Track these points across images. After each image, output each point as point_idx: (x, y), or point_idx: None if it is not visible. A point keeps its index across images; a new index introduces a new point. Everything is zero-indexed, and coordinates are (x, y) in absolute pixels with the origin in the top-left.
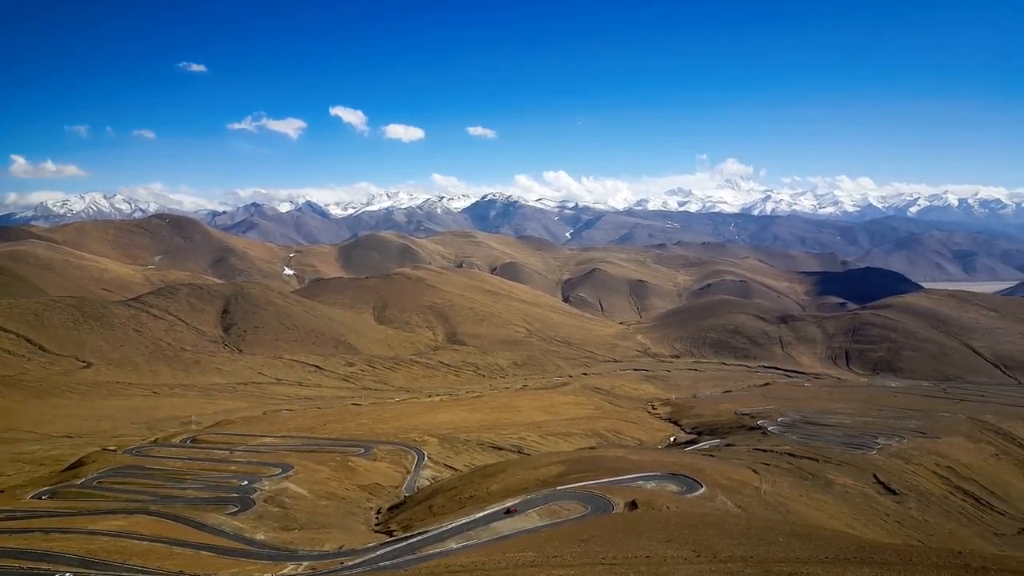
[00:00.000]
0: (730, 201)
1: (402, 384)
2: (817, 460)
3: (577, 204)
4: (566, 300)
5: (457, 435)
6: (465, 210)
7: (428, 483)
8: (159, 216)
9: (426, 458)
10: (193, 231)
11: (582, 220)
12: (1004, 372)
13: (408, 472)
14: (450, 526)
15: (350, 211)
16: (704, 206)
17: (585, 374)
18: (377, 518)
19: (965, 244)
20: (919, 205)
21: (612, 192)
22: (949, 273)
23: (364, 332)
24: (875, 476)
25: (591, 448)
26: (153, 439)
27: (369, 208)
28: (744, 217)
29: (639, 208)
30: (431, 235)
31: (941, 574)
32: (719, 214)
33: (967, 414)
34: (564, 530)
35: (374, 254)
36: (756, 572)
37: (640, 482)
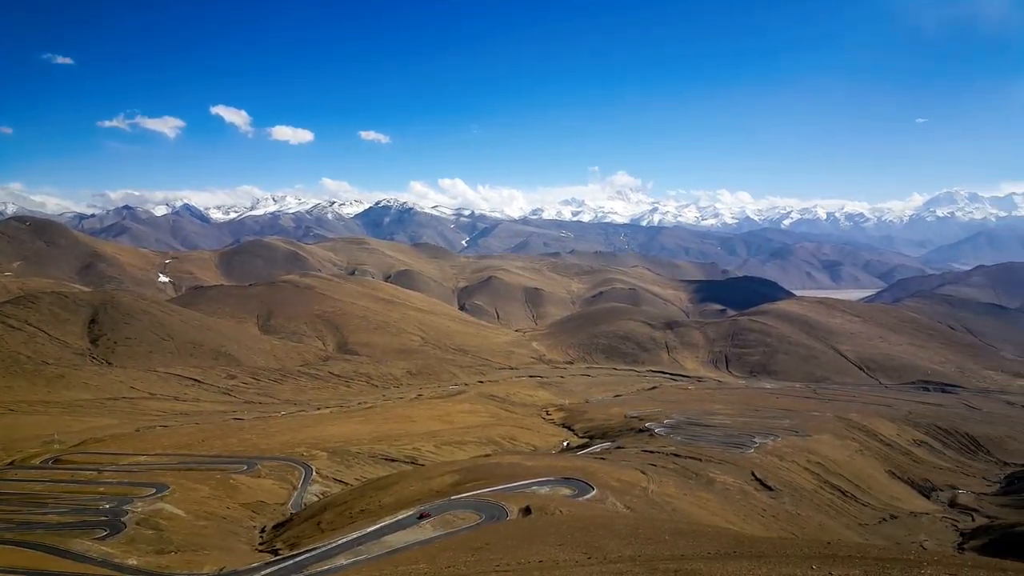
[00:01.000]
0: (620, 212)
1: (289, 397)
2: (700, 460)
3: (473, 212)
4: (462, 308)
5: (348, 448)
6: (358, 216)
7: (316, 499)
8: (18, 219)
9: (314, 473)
10: (57, 235)
11: (478, 228)
12: (867, 373)
13: (295, 488)
14: (340, 542)
15: (232, 215)
16: (596, 216)
17: (481, 382)
18: (262, 537)
19: (832, 254)
20: (792, 218)
21: (508, 201)
22: (818, 281)
23: (247, 343)
24: (753, 473)
25: (486, 456)
26: (9, 461)
27: (254, 212)
28: (633, 227)
29: (534, 217)
30: (321, 241)
31: (812, 564)
32: (610, 224)
33: (834, 413)
34: (458, 539)
35: (259, 261)
36: (643, 571)
37: (534, 487)
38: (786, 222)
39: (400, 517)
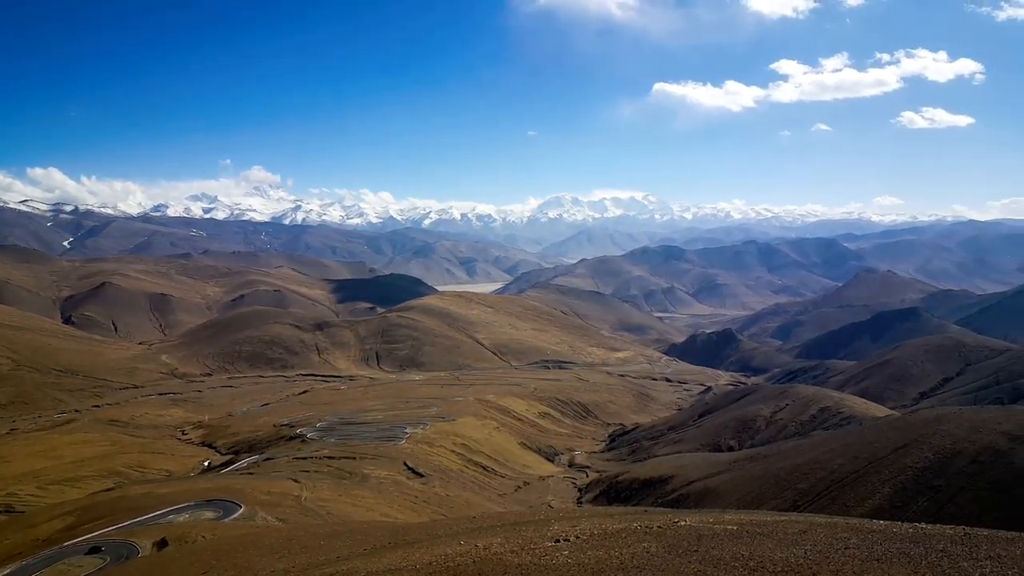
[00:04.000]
0: (260, 209)
1: None
2: (355, 458)
3: (78, 208)
4: (68, 321)
5: None
6: None
7: None
8: None
9: None
10: None
11: (85, 227)
12: (500, 357)
13: None
14: None
15: None
16: (233, 214)
17: (97, 406)
18: None
19: (467, 252)
20: (431, 218)
21: (123, 195)
22: (457, 277)
23: None
24: (405, 463)
25: (109, 490)
26: None
27: None
28: (275, 226)
29: (158, 214)
30: None
31: (460, 540)
32: (249, 222)
33: (475, 396)
34: None
35: None
36: None
37: (171, 516)
38: (427, 222)
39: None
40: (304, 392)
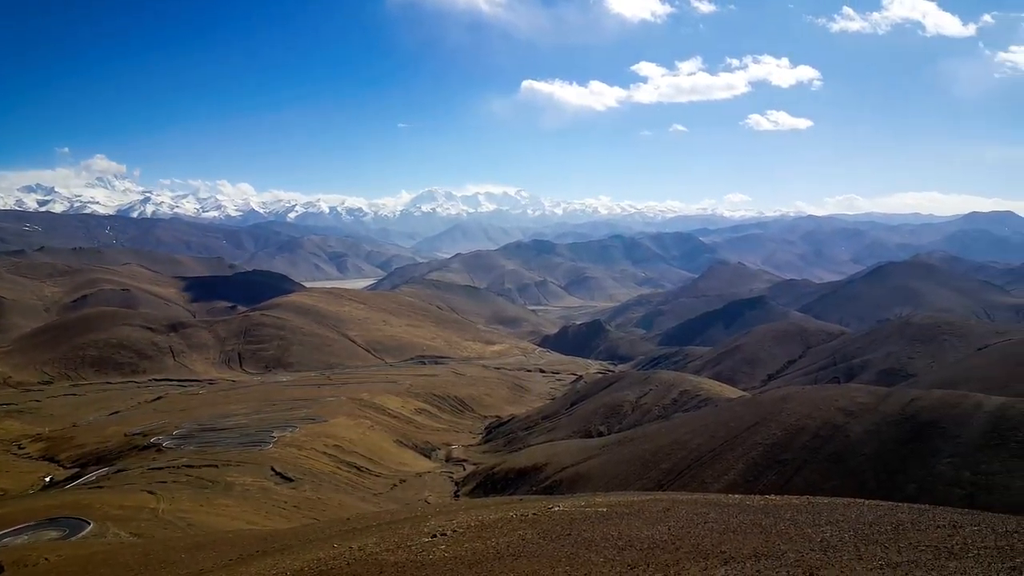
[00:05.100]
0: (104, 201)
1: None
2: (217, 466)
3: None
4: None
5: None
6: None
7: None
8: None
9: None
10: None
11: None
12: (374, 355)
13: None
14: None
15: None
16: (73, 207)
17: None
18: None
19: (338, 247)
20: (297, 211)
21: None
22: (326, 273)
23: None
24: (272, 468)
25: None
26: None
27: None
28: (122, 220)
29: None
30: None
31: (333, 543)
32: (92, 216)
33: (348, 395)
34: None
35: None
36: None
37: (7, 539)
38: (292, 216)
39: None
40: (158, 398)
